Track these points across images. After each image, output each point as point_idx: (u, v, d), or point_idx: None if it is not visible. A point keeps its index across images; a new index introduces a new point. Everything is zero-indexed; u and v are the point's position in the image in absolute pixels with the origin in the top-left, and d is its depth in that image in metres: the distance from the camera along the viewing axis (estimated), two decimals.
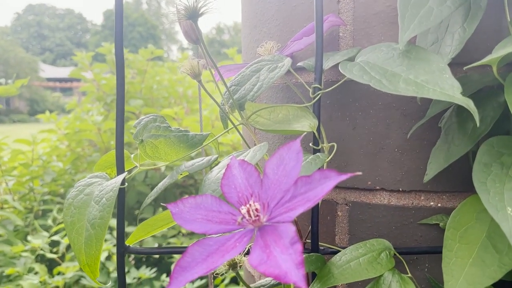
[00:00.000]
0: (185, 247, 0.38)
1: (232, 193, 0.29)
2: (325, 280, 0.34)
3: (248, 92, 0.36)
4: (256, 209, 0.27)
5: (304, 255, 0.35)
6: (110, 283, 1.59)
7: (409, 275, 0.36)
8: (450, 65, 0.34)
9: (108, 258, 1.64)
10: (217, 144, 0.39)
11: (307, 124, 0.36)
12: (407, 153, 0.41)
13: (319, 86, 0.36)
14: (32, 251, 1.59)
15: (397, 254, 0.37)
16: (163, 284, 1.59)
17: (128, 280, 1.60)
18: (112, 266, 1.62)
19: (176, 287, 0.24)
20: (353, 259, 0.35)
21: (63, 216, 0.35)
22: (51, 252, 1.64)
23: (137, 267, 1.71)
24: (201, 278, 1.47)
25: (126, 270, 1.74)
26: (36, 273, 1.56)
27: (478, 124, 0.27)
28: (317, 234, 0.37)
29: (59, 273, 1.52)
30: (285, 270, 0.22)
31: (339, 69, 0.33)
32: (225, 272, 0.32)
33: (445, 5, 0.32)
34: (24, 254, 1.59)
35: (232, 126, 0.37)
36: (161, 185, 0.36)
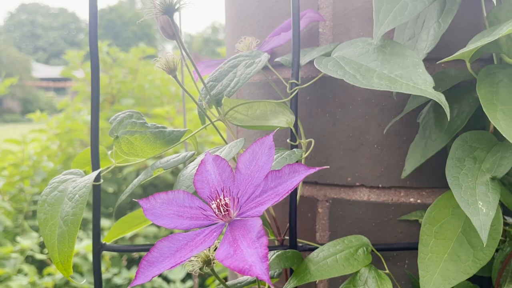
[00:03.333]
0: None
1: (205, 188, 0.29)
2: (302, 276, 0.34)
3: (225, 87, 0.36)
4: (226, 204, 0.26)
5: (280, 251, 0.35)
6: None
7: (387, 271, 0.36)
8: (429, 60, 0.34)
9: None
10: (195, 140, 0.39)
11: (284, 120, 0.36)
12: (386, 149, 0.41)
13: (296, 81, 0.36)
14: (22, 252, 1.58)
15: (375, 251, 0.37)
16: (153, 285, 1.58)
17: (119, 281, 1.59)
18: (103, 267, 1.61)
19: (142, 281, 0.23)
20: (330, 255, 0.35)
21: (37, 213, 0.34)
22: (41, 253, 1.62)
23: (129, 267, 1.70)
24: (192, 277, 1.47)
25: (117, 271, 1.72)
26: (25, 274, 1.55)
27: (449, 118, 0.27)
28: (295, 230, 0.37)
29: (49, 274, 1.50)
30: (250, 264, 0.22)
31: (314, 64, 0.33)
32: (200, 269, 0.32)
33: (419, 0, 0.32)
34: (13, 255, 1.57)
35: (209, 122, 0.37)
36: (136, 181, 0.36)
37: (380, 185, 0.41)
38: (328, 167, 0.36)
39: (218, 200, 0.27)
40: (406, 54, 0.32)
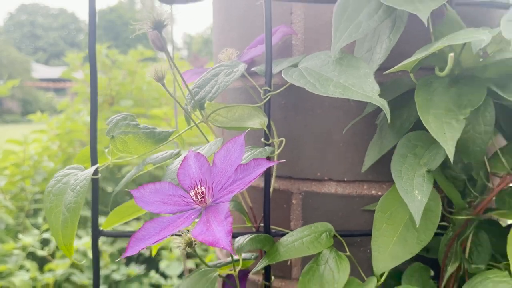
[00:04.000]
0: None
1: (186, 180, 0.34)
2: (272, 256, 0.39)
3: (208, 93, 0.41)
4: (202, 192, 0.32)
5: (253, 235, 0.40)
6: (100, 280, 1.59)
7: (347, 253, 0.41)
8: (384, 70, 0.39)
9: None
10: (182, 139, 0.44)
11: (258, 121, 0.41)
12: (351, 147, 0.46)
13: (268, 88, 0.41)
14: (23, 248, 1.63)
15: (338, 236, 0.42)
16: (151, 281, 1.63)
17: (118, 276, 1.64)
18: (102, 263, 1.66)
19: (132, 253, 0.29)
20: (297, 239, 0.40)
21: (43, 203, 0.40)
22: (42, 249, 1.67)
23: (127, 264, 1.75)
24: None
25: (116, 267, 1.76)
26: (27, 270, 1.60)
27: (389, 121, 0.32)
28: (268, 218, 0.42)
29: (50, 270, 1.56)
30: (218, 238, 0.27)
31: (282, 74, 0.39)
32: (183, 249, 0.37)
33: (372, 19, 0.38)
34: (15, 251, 1.62)
35: (194, 124, 0.42)
36: (130, 175, 0.41)
37: (345, 179, 0.47)
38: (284, 160, 0.41)
39: (196, 189, 0.32)
40: (360, 66, 0.37)
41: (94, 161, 0.41)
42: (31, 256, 1.66)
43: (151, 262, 1.73)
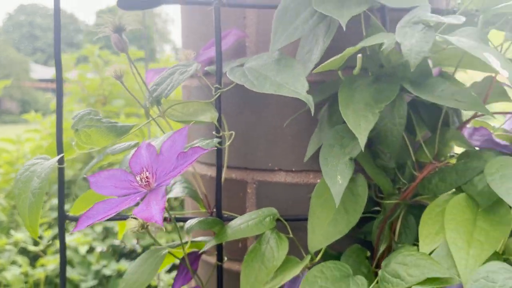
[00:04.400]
0: (125, 216, 0.47)
1: (137, 167, 0.39)
2: (220, 237, 0.44)
3: (164, 90, 0.46)
4: (147, 177, 0.36)
5: (202, 218, 0.44)
6: (90, 275, 1.66)
7: (290, 235, 0.46)
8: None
9: (90, 251, 1.71)
10: (142, 132, 0.49)
11: (209, 116, 0.46)
12: (298, 140, 0.51)
13: (218, 86, 0.46)
14: (15, 244, 1.67)
15: (281, 219, 0.47)
16: None
17: (108, 272, 1.68)
18: (93, 259, 1.69)
19: (80, 228, 0.33)
20: (244, 222, 0.45)
21: (13, 189, 0.44)
22: (34, 245, 1.71)
23: (118, 260, 1.79)
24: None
25: (106, 263, 1.79)
26: (20, 265, 1.64)
27: (312, 114, 0.37)
28: (220, 203, 0.47)
29: (41, 266, 1.60)
30: (152, 214, 0.31)
31: (227, 73, 0.43)
32: (137, 231, 0.41)
33: (307, 23, 0.42)
34: (7, 247, 1.66)
35: (151, 118, 0.47)
36: (91, 164, 0.46)
37: (293, 169, 0.51)
38: (214, 148, 0.46)
39: (141, 174, 0.36)
40: (295, 66, 0.41)
41: (60, 151, 0.45)
42: (23, 251, 1.70)
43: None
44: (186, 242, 0.44)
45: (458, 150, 0.45)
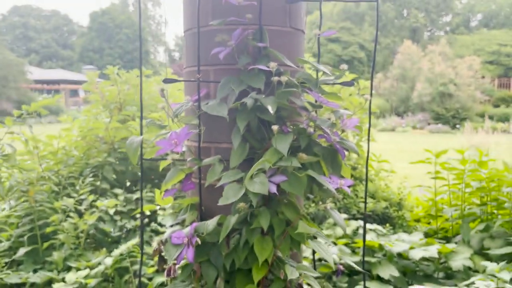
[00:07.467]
0: (164, 158, 1.27)
1: (171, 138, 1.18)
2: (198, 163, 1.24)
3: (177, 111, 1.26)
4: (175, 141, 1.16)
5: (195, 161, 1.24)
6: (116, 229, 2.54)
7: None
8: None
9: (116, 213, 2.49)
10: (169, 127, 1.28)
11: (195, 121, 1.26)
12: (230, 130, 1.30)
13: (199, 110, 1.26)
14: (65, 207, 2.44)
15: (222, 159, 1.26)
16: (152, 228, 2.44)
17: (129, 226, 2.44)
18: (118, 218, 2.46)
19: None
20: (210, 160, 1.25)
21: (126, 146, 1.23)
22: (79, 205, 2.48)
23: (134, 217, 2.55)
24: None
25: (127, 221, 2.61)
26: (72, 218, 2.40)
27: (228, 120, 1.17)
28: (199, 155, 1.27)
29: (84, 220, 2.36)
30: (178, 146, 1.12)
31: (201, 107, 1.23)
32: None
33: (234, 92, 1.22)
34: (63, 207, 2.42)
35: (173, 122, 1.27)
36: (152, 140, 1.25)
37: (228, 141, 1.31)
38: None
39: (173, 141, 1.16)
40: (223, 105, 1.21)
41: (141, 133, 1.25)
42: (73, 210, 2.47)
43: (151, 217, 2.55)
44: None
45: None
